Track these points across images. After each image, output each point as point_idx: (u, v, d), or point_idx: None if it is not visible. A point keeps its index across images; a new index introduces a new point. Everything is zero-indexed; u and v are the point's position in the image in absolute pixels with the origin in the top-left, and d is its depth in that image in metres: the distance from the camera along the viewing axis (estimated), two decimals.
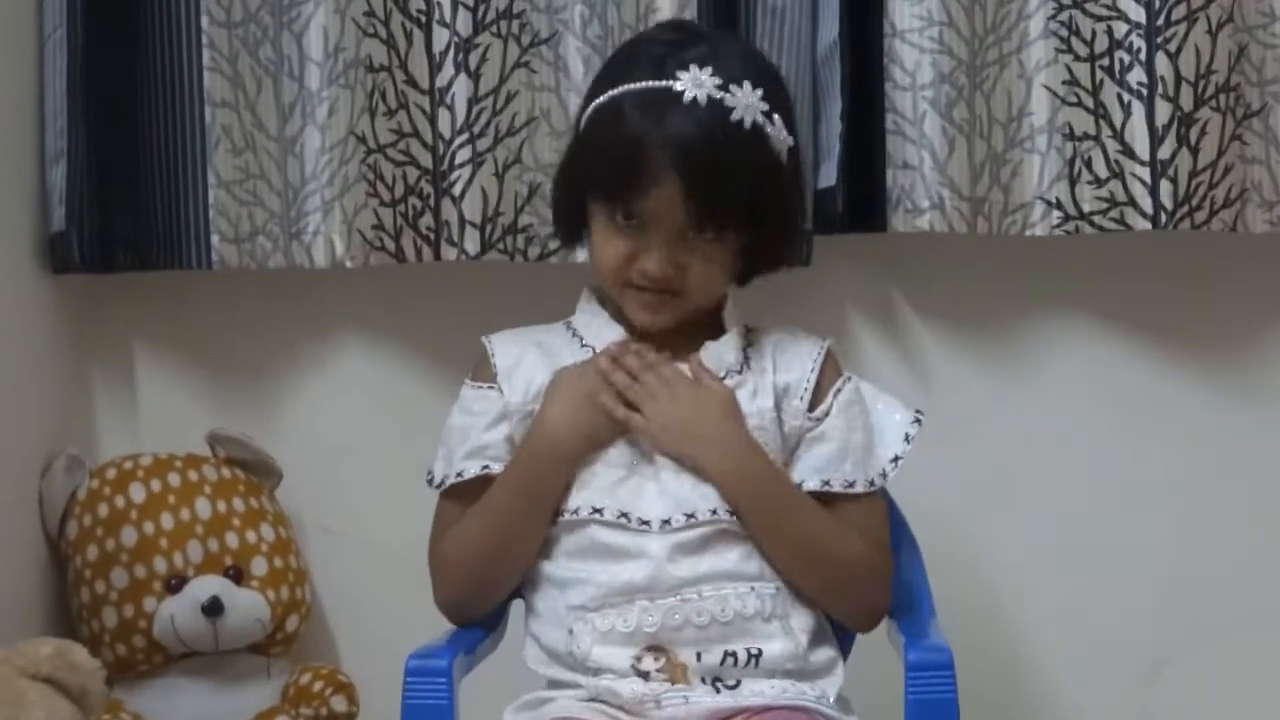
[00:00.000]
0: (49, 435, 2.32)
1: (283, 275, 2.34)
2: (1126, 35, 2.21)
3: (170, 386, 2.43)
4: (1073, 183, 2.23)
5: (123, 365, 2.44)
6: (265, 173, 2.31)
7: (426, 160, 2.26)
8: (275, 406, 2.42)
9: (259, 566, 2.28)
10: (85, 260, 2.30)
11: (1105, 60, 2.22)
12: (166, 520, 2.26)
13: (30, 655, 1.81)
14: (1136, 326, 2.35)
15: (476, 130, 2.24)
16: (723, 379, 1.86)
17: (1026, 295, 2.36)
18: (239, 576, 2.27)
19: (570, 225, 1.93)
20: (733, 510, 1.82)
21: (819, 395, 1.88)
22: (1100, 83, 2.22)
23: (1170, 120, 2.20)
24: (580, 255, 2.15)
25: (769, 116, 1.84)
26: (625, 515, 1.81)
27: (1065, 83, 2.23)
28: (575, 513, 1.83)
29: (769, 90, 1.84)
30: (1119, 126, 2.22)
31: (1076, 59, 2.23)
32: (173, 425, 2.40)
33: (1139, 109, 2.21)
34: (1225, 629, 2.36)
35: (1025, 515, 2.35)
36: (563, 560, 1.84)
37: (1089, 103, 2.22)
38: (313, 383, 2.42)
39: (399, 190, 2.27)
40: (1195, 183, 2.20)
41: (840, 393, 1.88)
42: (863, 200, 2.26)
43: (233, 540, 2.28)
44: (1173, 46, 2.19)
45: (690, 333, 1.89)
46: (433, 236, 2.26)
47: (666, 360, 1.87)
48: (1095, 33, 2.22)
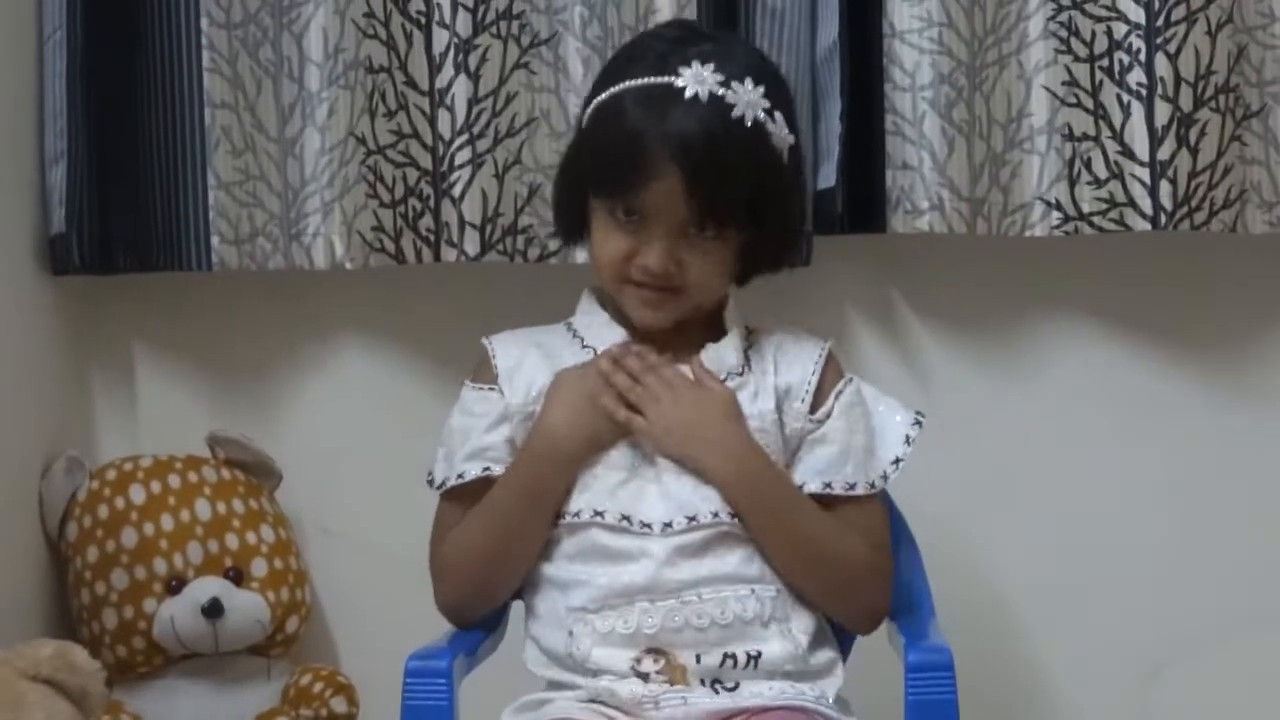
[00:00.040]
0: (49, 436, 2.32)
1: (282, 276, 2.34)
2: (1126, 36, 2.21)
3: (170, 388, 2.43)
4: (1072, 183, 2.23)
5: (122, 366, 2.44)
6: (265, 174, 2.31)
7: (426, 161, 2.26)
8: (275, 408, 2.42)
9: (259, 568, 2.28)
10: (85, 261, 2.30)
11: (1105, 61, 2.22)
12: (166, 521, 2.26)
13: (30, 657, 1.81)
14: (1136, 327, 2.35)
15: (476, 131, 2.24)
16: (724, 380, 1.86)
17: (1026, 296, 2.36)
18: (239, 578, 2.27)
19: (571, 223, 1.92)
20: (734, 512, 1.82)
21: (820, 397, 1.88)
22: (1100, 83, 2.22)
23: (1170, 121, 2.20)
24: (580, 256, 2.16)
25: (770, 114, 1.83)
26: (627, 518, 1.81)
27: (1065, 83, 2.23)
28: (577, 515, 1.83)
29: (770, 88, 1.84)
30: (1118, 127, 2.22)
31: (1076, 60, 2.22)
32: (172, 426, 2.40)
33: (1138, 110, 2.21)
34: (1225, 629, 2.36)
35: (1025, 515, 2.35)
36: (563, 562, 1.84)
37: (1088, 103, 2.22)
38: (312, 384, 2.42)
39: (399, 191, 2.27)
40: (1195, 183, 2.20)
41: (842, 395, 1.88)
42: (862, 201, 2.26)
43: (233, 541, 2.28)
44: (1172, 47, 2.19)
45: (691, 334, 1.89)
46: (432, 238, 2.26)
47: (668, 362, 1.87)
48: (1095, 33, 2.22)
